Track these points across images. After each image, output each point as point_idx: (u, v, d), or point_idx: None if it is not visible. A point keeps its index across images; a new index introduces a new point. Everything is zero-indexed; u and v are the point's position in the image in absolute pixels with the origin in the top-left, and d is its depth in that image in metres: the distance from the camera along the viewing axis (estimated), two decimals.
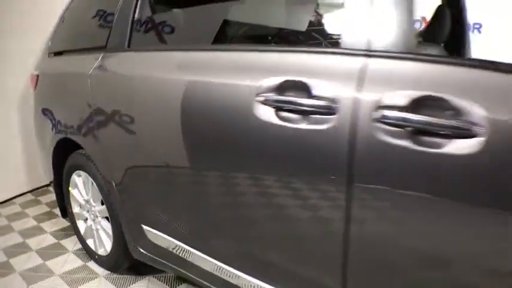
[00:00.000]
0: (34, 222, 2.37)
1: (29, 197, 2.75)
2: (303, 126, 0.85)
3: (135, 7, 1.45)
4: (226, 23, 1.33)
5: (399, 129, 0.73)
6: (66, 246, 2.08)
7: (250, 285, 1.10)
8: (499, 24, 3.55)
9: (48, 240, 2.16)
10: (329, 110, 0.81)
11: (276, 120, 0.90)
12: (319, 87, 0.84)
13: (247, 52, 1.10)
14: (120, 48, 1.48)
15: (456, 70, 0.74)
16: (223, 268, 1.17)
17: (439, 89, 0.71)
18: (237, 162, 1.05)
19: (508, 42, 3.40)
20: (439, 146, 0.69)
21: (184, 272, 1.38)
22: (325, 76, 0.84)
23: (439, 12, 1.74)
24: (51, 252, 2.02)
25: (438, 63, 0.77)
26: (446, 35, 1.85)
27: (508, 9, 3.49)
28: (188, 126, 1.17)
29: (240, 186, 1.06)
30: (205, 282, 1.29)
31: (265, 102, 0.92)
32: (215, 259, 1.19)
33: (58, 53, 1.98)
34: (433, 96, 0.71)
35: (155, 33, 1.50)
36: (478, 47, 3.75)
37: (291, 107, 0.88)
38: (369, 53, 0.80)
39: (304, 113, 0.85)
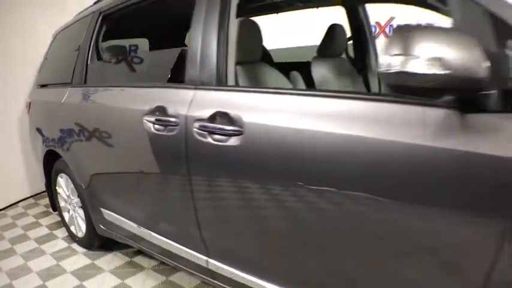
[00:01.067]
0: (33, 219, 3.04)
1: (30, 200, 3.44)
2: (165, 133, 1.48)
3: (88, 54, 2.12)
4: (132, 71, 2.00)
5: (204, 132, 1.34)
6: (57, 234, 2.74)
7: (168, 245, 1.71)
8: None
9: (44, 231, 2.82)
10: (175, 123, 1.43)
11: (153, 130, 1.52)
12: (171, 108, 1.46)
13: (140, 88, 1.75)
14: (79, 84, 2.14)
15: (237, 94, 1.34)
16: (155, 236, 1.78)
17: (225, 108, 1.31)
18: (138, 159, 1.69)
19: None
20: (225, 141, 1.30)
21: (132, 241, 2.01)
22: (174, 102, 1.47)
23: (331, 29, 2.26)
24: (45, 239, 2.68)
25: (229, 91, 1.37)
26: (343, 49, 2.41)
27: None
28: (111, 136, 1.81)
29: (146, 176, 1.70)
30: (145, 248, 1.92)
31: (147, 120, 1.55)
32: (148, 229, 1.81)
33: (43, 85, 2.67)
34: (220, 112, 1.31)
35: (99, 74, 2.16)
36: None
37: (159, 122, 1.50)
38: (196, 87, 1.42)
39: (166, 125, 1.48)
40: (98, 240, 2.36)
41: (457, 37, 0.74)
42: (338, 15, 2.54)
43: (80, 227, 2.43)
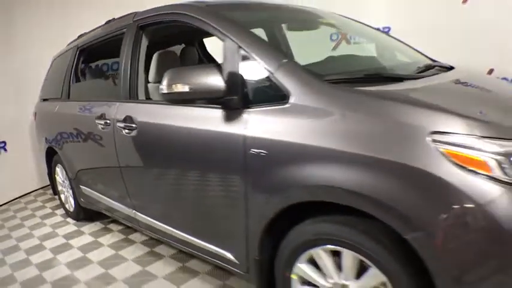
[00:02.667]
0: (41, 204, 4.05)
1: (40, 191, 4.48)
2: (105, 130, 2.36)
3: (70, 76, 3.10)
4: (92, 89, 2.94)
5: (121, 128, 2.22)
6: (57, 213, 3.72)
7: (115, 205, 2.63)
8: (405, 25, 4.76)
9: (47, 211, 3.81)
10: (109, 123, 2.30)
11: (100, 128, 2.43)
12: (107, 114, 2.36)
13: (94, 102, 2.60)
14: (65, 98, 3.12)
15: (135, 105, 2.21)
16: (108, 200, 2.70)
17: (130, 113, 2.18)
18: (95, 149, 2.60)
19: (415, 41, 4.56)
20: (130, 133, 2.16)
21: (97, 206, 2.93)
22: (109, 110, 2.35)
23: (182, 51, 3.04)
24: (48, 216, 3.66)
25: (133, 103, 2.22)
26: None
27: (412, 12, 4.64)
28: (81, 135, 2.74)
29: (98, 159, 2.61)
30: (105, 211, 2.85)
31: (97, 122, 2.46)
32: (104, 196, 2.73)
33: (45, 99, 3.68)
34: (128, 116, 2.19)
35: (77, 91, 3.13)
36: None
37: (102, 123, 2.39)
38: (119, 101, 2.31)
39: (105, 125, 2.39)
40: (83, 213, 3.29)
41: (203, 69, 1.58)
42: None
43: (71, 204, 3.40)
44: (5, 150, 4.12)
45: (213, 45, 3.77)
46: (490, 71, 4.31)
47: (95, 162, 2.74)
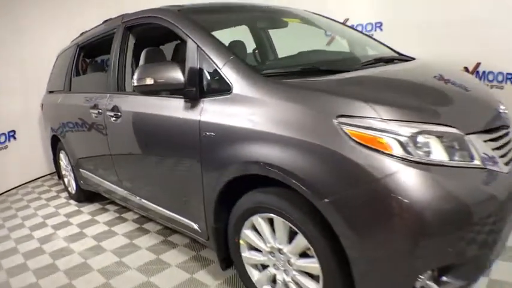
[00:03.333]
0: (47, 188, 4.44)
1: (48, 177, 4.89)
2: (97, 118, 2.69)
3: (71, 70, 3.45)
4: (88, 82, 3.27)
5: (110, 116, 2.54)
6: (61, 195, 4.09)
7: (107, 185, 2.97)
8: (397, 21, 4.97)
9: (52, 194, 4.18)
10: (100, 112, 2.64)
11: (93, 117, 2.77)
12: (99, 105, 2.67)
13: (89, 93, 2.94)
14: (67, 91, 3.48)
15: (121, 96, 2.52)
16: (101, 181, 3.05)
17: (117, 103, 2.48)
18: (90, 135, 2.94)
19: (406, 36, 4.78)
20: (116, 120, 2.48)
21: (94, 187, 3.28)
22: (101, 101, 2.67)
23: (176, 48, 3.23)
24: (52, 198, 4.03)
25: (119, 94, 2.54)
26: None
27: (403, 7, 4.85)
28: (79, 122, 3.08)
29: (92, 144, 2.94)
30: (102, 192, 3.20)
31: (91, 111, 2.79)
32: (106, 181, 3.07)
33: (50, 92, 4.05)
34: (115, 105, 2.50)
35: (77, 84, 3.47)
36: (383, 41, 5.11)
37: (95, 112, 2.72)
38: (109, 93, 2.64)
39: (97, 113, 2.69)
40: (83, 194, 3.64)
41: (167, 65, 1.88)
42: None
43: (73, 187, 3.76)
44: (15, 138, 4.51)
45: None
46: (477, 65, 4.51)
47: (90, 147, 3.08)
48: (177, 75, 1.84)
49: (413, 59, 2.43)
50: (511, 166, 1.50)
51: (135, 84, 1.88)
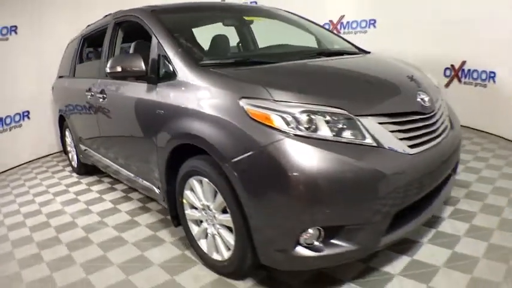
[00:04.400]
0: (55, 163, 5.03)
1: (57, 154, 5.52)
2: (91, 99, 3.21)
3: (76, 58, 3.99)
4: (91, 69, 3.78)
5: (99, 97, 3.05)
6: (66, 170, 4.67)
7: (99, 157, 3.50)
8: (389, 18, 5.29)
9: (59, 168, 4.76)
10: (92, 94, 3.17)
11: (88, 98, 3.28)
12: (92, 88, 3.18)
13: (85, 78, 3.47)
14: (72, 76, 4.02)
15: (107, 80, 3.02)
16: (95, 154, 3.59)
17: (104, 87, 2.96)
18: (87, 114, 3.48)
19: (397, 32, 5.12)
20: (103, 100, 2.96)
21: (91, 160, 3.83)
22: (93, 84, 3.18)
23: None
24: (58, 171, 4.58)
25: (106, 79, 3.01)
26: None
27: (396, 5, 5.17)
28: (79, 104, 3.62)
29: (88, 121, 3.47)
30: (96, 164, 3.73)
31: (86, 93, 3.32)
32: (97, 153, 3.60)
33: (60, 77, 4.63)
34: (102, 89, 3.00)
35: (79, 70, 4.00)
36: (374, 39, 5.42)
37: (90, 94, 3.24)
38: (100, 78, 3.13)
39: (91, 95, 3.21)
40: (84, 168, 4.16)
41: (126, 56, 2.35)
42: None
43: (75, 161, 4.32)
44: (29, 118, 5.11)
45: None
46: (462, 63, 4.78)
47: (86, 125, 3.59)
48: (140, 64, 2.30)
49: (368, 53, 2.78)
50: (421, 149, 1.78)
51: (108, 71, 2.35)
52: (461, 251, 2.10)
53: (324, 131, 1.63)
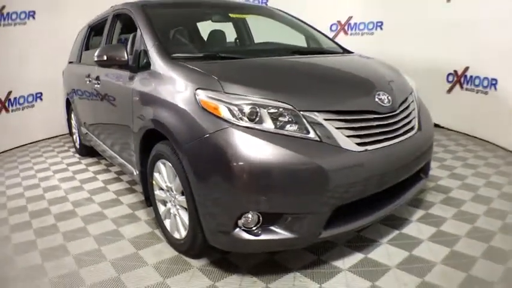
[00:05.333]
0: (62, 144, 5.37)
1: (66, 135, 5.87)
2: (89, 83, 3.48)
3: (82, 45, 4.29)
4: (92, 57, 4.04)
5: (95, 83, 3.33)
6: (70, 150, 5.01)
7: (96, 141, 3.78)
8: (396, 21, 5.38)
9: (64, 148, 5.09)
10: (90, 79, 3.44)
11: (87, 83, 3.53)
12: (91, 74, 3.48)
13: (86, 65, 3.75)
14: (78, 62, 4.32)
15: (101, 69, 3.29)
16: (97, 141, 3.87)
17: (98, 73, 3.22)
18: (87, 98, 3.76)
19: (403, 35, 5.21)
20: (98, 85, 3.28)
21: (88, 143, 4.13)
22: (91, 71, 3.47)
23: None
24: (62, 151, 4.91)
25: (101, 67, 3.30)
26: None
27: (403, 8, 5.25)
28: (81, 88, 3.91)
29: (88, 103, 3.75)
30: (92, 144, 4.03)
31: (86, 79, 3.60)
32: (94, 136, 3.89)
33: (70, 62, 4.95)
34: (97, 75, 3.27)
35: (84, 57, 4.28)
36: (380, 41, 5.49)
37: (89, 79, 3.53)
38: (96, 66, 3.39)
39: (89, 80, 3.49)
40: (85, 149, 4.45)
41: (111, 46, 2.59)
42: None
43: (78, 142, 4.63)
44: (41, 99, 5.47)
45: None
46: (465, 69, 4.81)
47: (86, 109, 3.88)
48: (123, 54, 2.52)
49: (351, 53, 2.92)
50: (372, 148, 1.87)
51: (95, 59, 2.58)
52: (418, 255, 2.13)
53: (268, 124, 1.78)
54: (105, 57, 2.52)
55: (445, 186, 3.08)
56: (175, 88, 2.09)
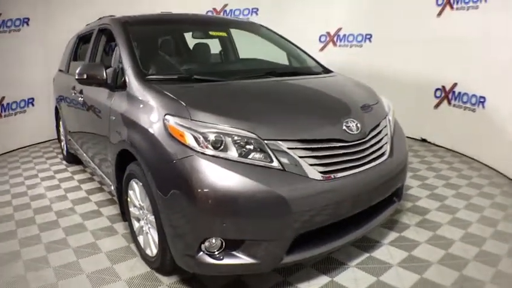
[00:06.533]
0: (51, 149, 5.45)
1: (56, 141, 5.97)
2: (74, 95, 3.59)
3: (71, 56, 4.38)
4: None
5: (78, 95, 3.42)
6: (59, 157, 5.11)
7: (78, 149, 3.87)
8: (385, 34, 5.44)
9: (52, 155, 5.17)
10: (75, 92, 3.53)
11: (72, 94, 3.63)
12: (75, 86, 3.57)
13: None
14: (66, 71, 4.41)
15: None
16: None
17: (81, 87, 3.38)
18: (73, 108, 3.85)
19: (392, 49, 5.28)
20: (80, 97, 3.34)
21: (75, 152, 4.21)
22: (74, 83, 3.58)
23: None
24: (51, 158, 4.98)
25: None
26: None
27: (392, 22, 5.32)
28: (66, 98, 4.00)
29: (73, 112, 3.85)
30: (77, 153, 4.12)
31: (72, 90, 3.68)
32: (77, 145, 3.99)
33: (60, 70, 5.04)
34: (80, 87, 3.38)
35: (72, 67, 4.37)
36: (368, 53, 5.56)
37: (73, 91, 3.62)
38: None
39: (74, 92, 3.60)
40: (71, 157, 4.54)
41: (91, 65, 2.67)
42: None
43: (65, 149, 4.72)
44: (33, 105, 5.56)
45: None
46: (454, 85, 4.87)
47: (71, 118, 3.97)
48: (101, 73, 2.60)
49: (330, 72, 2.99)
50: (336, 176, 1.91)
51: (76, 77, 2.66)
52: (386, 281, 2.14)
53: (232, 152, 1.83)
54: (85, 76, 2.59)
55: (422, 207, 3.07)
56: (147, 112, 2.16)
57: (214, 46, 3.83)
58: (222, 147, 1.84)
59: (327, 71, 3.14)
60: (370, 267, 2.27)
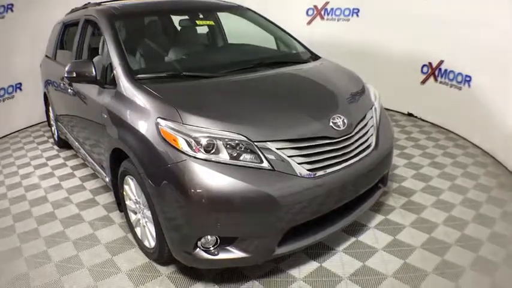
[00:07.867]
0: (42, 133, 5.45)
1: (45, 123, 5.95)
2: (63, 86, 3.59)
3: (57, 43, 4.31)
4: (67, 58, 4.09)
5: (68, 87, 3.42)
6: (49, 141, 5.09)
7: (68, 135, 3.90)
8: (373, 9, 5.42)
9: (43, 139, 5.17)
10: (64, 82, 3.54)
11: (61, 85, 3.62)
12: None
13: (61, 65, 3.83)
14: (53, 59, 4.33)
15: None
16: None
17: None
18: (61, 96, 3.84)
19: (379, 24, 5.28)
20: (72, 90, 3.35)
21: (65, 137, 4.22)
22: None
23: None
24: (42, 143, 4.99)
25: None
26: None
27: None
28: (55, 84, 3.98)
29: (62, 101, 3.84)
30: (67, 138, 4.15)
31: (62, 81, 3.67)
32: (68, 132, 4.01)
33: (47, 56, 4.96)
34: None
35: (59, 56, 4.30)
36: (356, 28, 5.55)
37: (63, 81, 3.61)
38: None
39: (63, 82, 3.60)
40: (62, 142, 4.56)
41: (79, 62, 2.68)
42: None
43: (56, 134, 4.74)
44: (21, 90, 5.50)
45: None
46: (440, 62, 4.93)
47: (61, 106, 3.97)
48: (91, 70, 2.59)
49: (318, 58, 3.01)
50: (324, 172, 1.99)
51: (65, 75, 2.64)
52: (371, 266, 2.23)
53: (223, 154, 1.90)
54: (74, 74, 2.59)
55: (408, 188, 3.15)
56: (139, 113, 2.21)
57: (203, 28, 3.82)
58: (213, 150, 1.90)
59: (314, 57, 3.15)
60: (356, 252, 2.38)
